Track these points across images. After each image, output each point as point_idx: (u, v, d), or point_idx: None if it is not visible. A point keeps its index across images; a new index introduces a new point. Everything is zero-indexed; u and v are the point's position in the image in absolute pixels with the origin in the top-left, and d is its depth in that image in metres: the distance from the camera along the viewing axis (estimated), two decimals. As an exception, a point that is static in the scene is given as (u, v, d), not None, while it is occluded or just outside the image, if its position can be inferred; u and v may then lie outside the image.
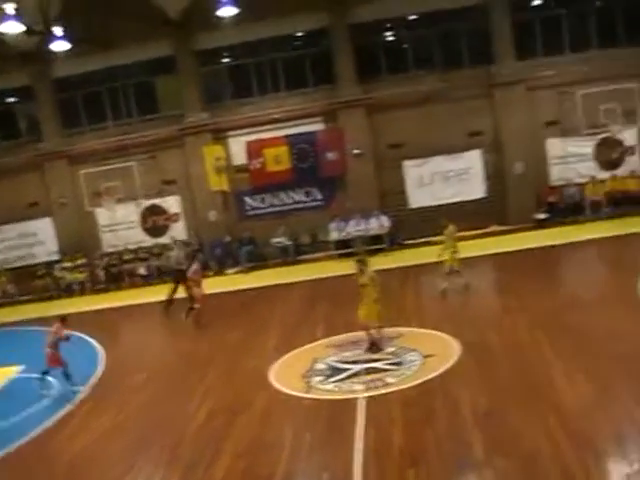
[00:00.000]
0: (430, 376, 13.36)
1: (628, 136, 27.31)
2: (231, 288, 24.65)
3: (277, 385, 14.13)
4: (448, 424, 11.26)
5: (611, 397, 11.45)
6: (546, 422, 10.76)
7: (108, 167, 27.45)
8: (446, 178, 27.88)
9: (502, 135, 27.60)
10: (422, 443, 10.68)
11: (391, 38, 28.61)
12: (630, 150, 27.48)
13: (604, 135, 27.05)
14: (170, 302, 21.77)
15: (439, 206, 27.50)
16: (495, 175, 27.79)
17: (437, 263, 19.67)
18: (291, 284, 23.75)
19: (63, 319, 15.76)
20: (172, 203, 29.16)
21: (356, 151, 27.65)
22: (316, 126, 28.14)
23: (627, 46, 26.99)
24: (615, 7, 27.05)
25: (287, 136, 27.90)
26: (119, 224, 29.20)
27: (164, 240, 28.59)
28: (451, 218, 26.96)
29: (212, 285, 25.51)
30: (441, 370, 13.59)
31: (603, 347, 13.73)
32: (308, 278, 24.29)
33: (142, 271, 28.01)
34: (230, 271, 27.56)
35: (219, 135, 28.53)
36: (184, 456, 11.44)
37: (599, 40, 27.15)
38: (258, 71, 28.44)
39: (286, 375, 14.65)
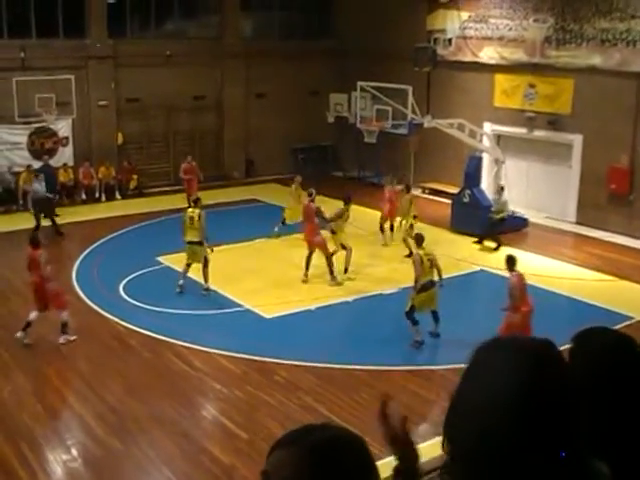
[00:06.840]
0: None
1: (62, 127, 27.61)
2: None
3: None
4: None
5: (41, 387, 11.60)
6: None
7: None
8: None
9: None
10: None
11: None
12: (64, 141, 27.78)
13: (38, 125, 26.97)
14: None
15: None
16: None
17: None
18: None
19: None
20: None
21: None
22: None
23: (65, 38, 27.33)
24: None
25: None
26: None
27: None
28: None
29: None
30: None
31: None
32: None
33: None
34: None
35: None
36: None
37: (38, 29, 26.90)
38: None
39: None
